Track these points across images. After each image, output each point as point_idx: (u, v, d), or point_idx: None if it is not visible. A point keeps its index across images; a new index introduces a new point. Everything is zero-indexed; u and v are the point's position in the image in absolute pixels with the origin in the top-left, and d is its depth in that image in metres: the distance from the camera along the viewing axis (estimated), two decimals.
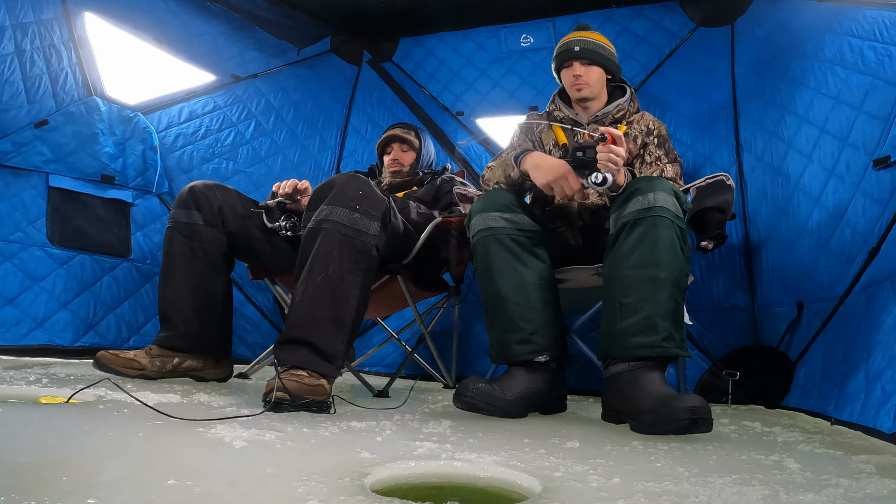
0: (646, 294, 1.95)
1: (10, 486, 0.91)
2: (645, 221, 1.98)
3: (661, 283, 1.95)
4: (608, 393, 2.05)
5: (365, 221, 2.13)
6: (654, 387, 1.89)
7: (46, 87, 3.01)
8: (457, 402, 2.08)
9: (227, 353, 2.68)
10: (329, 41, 4.30)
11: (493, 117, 4.04)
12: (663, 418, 1.77)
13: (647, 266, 1.96)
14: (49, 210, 3.07)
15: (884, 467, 1.37)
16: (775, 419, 2.20)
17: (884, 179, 2.17)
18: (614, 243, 2.06)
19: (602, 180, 2.04)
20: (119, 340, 3.21)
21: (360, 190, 2.16)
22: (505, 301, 2.19)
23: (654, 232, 1.97)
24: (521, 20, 3.93)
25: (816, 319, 2.45)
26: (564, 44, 2.60)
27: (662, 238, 1.97)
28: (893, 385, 1.66)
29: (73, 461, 1.10)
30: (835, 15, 2.67)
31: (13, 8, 2.79)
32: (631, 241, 2.00)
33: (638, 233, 1.99)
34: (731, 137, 3.40)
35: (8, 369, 2.35)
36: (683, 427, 1.76)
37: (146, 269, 3.39)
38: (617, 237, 2.06)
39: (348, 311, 2.10)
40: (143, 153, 3.40)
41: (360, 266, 2.12)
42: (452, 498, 0.98)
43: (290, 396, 1.84)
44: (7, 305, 2.86)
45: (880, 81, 2.32)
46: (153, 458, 1.19)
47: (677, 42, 3.67)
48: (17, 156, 2.96)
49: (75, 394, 1.78)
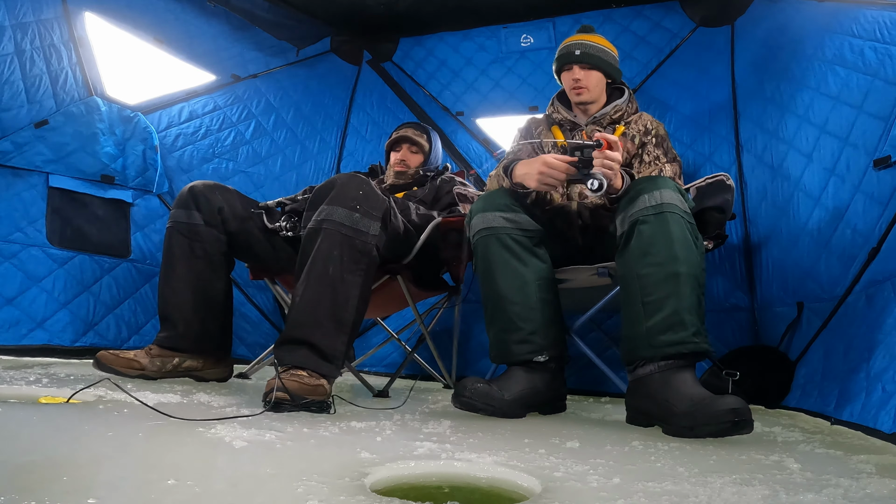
0: (669, 290, 1.93)
1: (10, 485, 0.91)
2: (656, 218, 1.97)
3: (682, 279, 1.92)
4: (635, 395, 2.01)
5: (365, 221, 2.13)
6: (688, 388, 1.85)
7: (46, 87, 3.01)
8: (455, 403, 2.08)
9: (227, 353, 2.68)
10: (329, 41, 4.29)
11: (493, 117, 4.04)
12: (702, 421, 1.73)
13: (666, 262, 1.94)
14: (49, 210, 3.07)
15: (884, 467, 1.37)
16: (775, 419, 2.20)
17: (884, 179, 2.17)
18: (626, 243, 2.05)
19: (598, 186, 2.04)
20: (119, 340, 3.21)
21: (360, 190, 2.16)
22: (504, 300, 2.19)
23: (667, 228, 1.96)
24: (521, 20, 3.93)
25: (816, 319, 2.45)
26: (565, 47, 2.61)
27: (676, 233, 1.95)
28: (894, 385, 1.66)
29: (73, 461, 1.10)
30: (835, 15, 2.67)
31: (13, 8, 2.79)
32: (644, 238, 1.98)
33: (650, 230, 1.97)
34: (730, 137, 3.40)
35: (8, 369, 2.35)
36: (724, 430, 1.72)
37: (146, 270, 3.39)
38: (629, 236, 2.04)
39: (348, 311, 2.10)
40: (144, 153, 3.40)
41: (360, 266, 2.13)
42: (452, 498, 0.98)
43: (291, 396, 1.84)
44: (7, 305, 2.86)
45: (880, 81, 2.31)
46: (153, 458, 1.19)
47: (677, 42, 3.67)
48: (17, 156, 2.96)
49: (75, 394, 1.78)
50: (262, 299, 3.89)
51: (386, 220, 2.24)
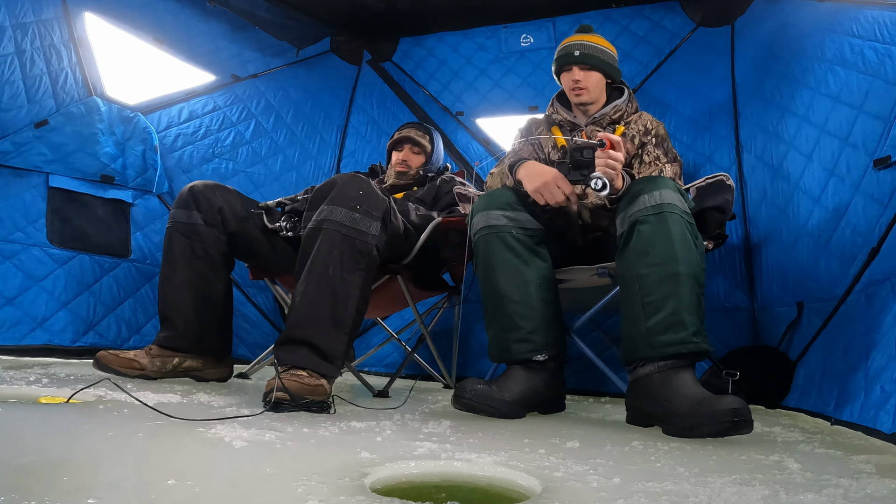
0: (669, 290, 1.92)
1: (10, 485, 0.91)
2: (656, 218, 1.97)
3: (682, 279, 1.92)
4: (635, 395, 2.01)
5: (366, 221, 2.13)
6: (688, 388, 1.85)
7: (46, 87, 3.01)
8: (455, 404, 2.08)
9: (228, 353, 2.68)
10: (329, 41, 4.30)
11: (493, 117, 4.04)
12: (702, 421, 1.74)
13: (666, 262, 1.94)
14: (49, 210, 3.07)
15: (884, 467, 1.37)
16: (775, 419, 2.20)
17: (884, 179, 2.17)
18: (626, 243, 2.04)
19: (602, 185, 2.04)
20: (119, 340, 3.21)
21: (360, 190, 2.16)
22: (504, 299, 2.18)
23: (667, 228, 1.95)
24: (521, 20, 3.93)
25: (816, 319, 2.45)
26: (565, 47, 2.61)
27: (676, 233, 1.95)
28: (893, 385, 1.66)
29: (74, 461, 1.10)
30: (835, 15, 2.67)
31: (13, 8, 2.79)
32: (644, 238, 1.98)
33: (650, 230, 1.97)
34: (731, 137, 3.40)
35: (8, 369, 2.35)
36: (724, 430, 1.72)
37: (146, 270, 3.39)
38: (628, 236, 2.03)
39: (348, 311, 2.10)
40: (143, 153, 3.40)
41: (360, 266, 2.13)
42: (452, 498, 0.98)
43: (291, 396, 1.84)
44: (7, 305, 2.86)
45: (881, 81, 2.31)
46: (153, 458, 1.19)
47: (677, 42, 3.67)
48: (18, 156, 2.96)
49: (75, 394, 1.78)
50: (263, 299, 3.89)
51: (386, 220, 2.24)
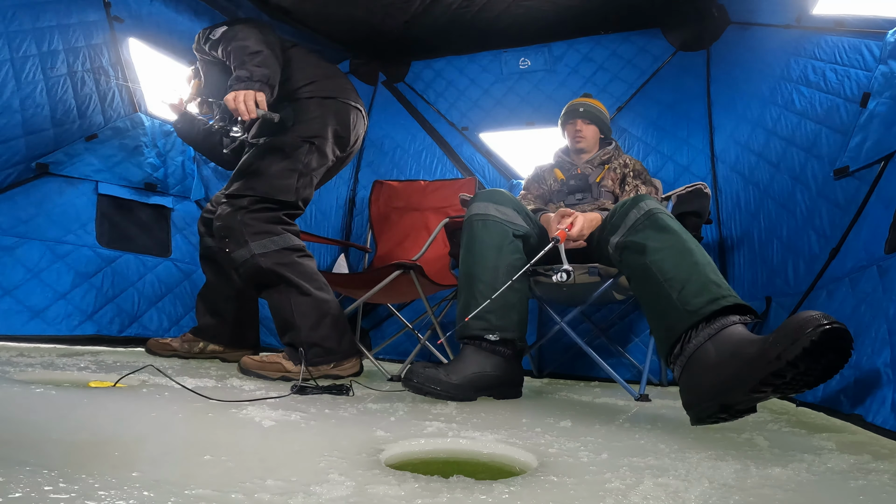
0: (687, 262, 1.70)
1: (64, 460, 0.92)
2: (649, 221, 1.86)
3: (694, 251, 1.74)
4: (692, 378, 1.54)
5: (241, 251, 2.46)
6: (749, 335, 1.48)
7: (96, 105, 3.02)
8: (405, 387, 1.97)
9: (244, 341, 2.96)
10: (348, 63, 4.29)
11: (494, 132, 4.03)
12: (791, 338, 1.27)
13: (675, 243, 1.78)
14: (98, 214, 3.09)
15: (843, 444, 1.37)
16: None
17: (845, 188, 2.17)
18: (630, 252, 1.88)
19: (567, 276, 1.90)
20: (161, 331, 3.22)
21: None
22: (473, 278, 2.11)
23: (663, 222, 1.85)
24: (520, 45, 3.93)
25: (783, 312, 2.44)
26: (571, 106, 2.93)
27: (672, 224, 1.84)
28: (851, 370, 1.66)
29: (120, 438, 1.10)
30: (800, 40, 2.67)
31: (66, 34, 2.80)
32: (644, 236, 1.84)
33: (647, 232, 1.85)
34: (706, 149, 3.39)
35: (61, 356, 2.36)
36: (824, 338, 1.24)
37: (185, 267, 3.40)
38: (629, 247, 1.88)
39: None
40: (182, 164, 3.42)
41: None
42: (458, 471, 0.98)
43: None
44: (61, 300, 2.88)
45: (840, 99, 2.31)
46: (191, 436, 1.20)
47: (659, 64, 3.66)
48: (70, 166, 2.98)
49: (121, 378, 1.79)
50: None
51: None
